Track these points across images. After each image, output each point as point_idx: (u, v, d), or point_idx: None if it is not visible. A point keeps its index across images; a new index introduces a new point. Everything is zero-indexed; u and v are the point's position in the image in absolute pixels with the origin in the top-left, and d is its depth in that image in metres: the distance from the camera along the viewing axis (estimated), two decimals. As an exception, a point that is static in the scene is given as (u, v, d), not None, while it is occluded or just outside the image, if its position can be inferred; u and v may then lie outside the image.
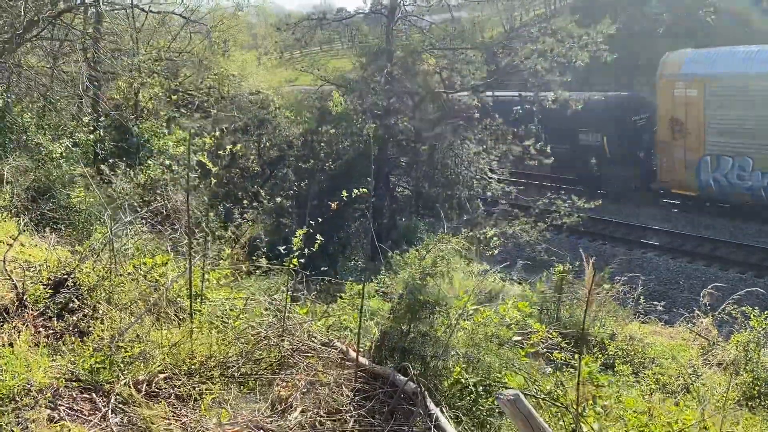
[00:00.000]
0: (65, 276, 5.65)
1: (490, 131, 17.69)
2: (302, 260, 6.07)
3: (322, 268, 9.12)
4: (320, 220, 6.68)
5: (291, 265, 5.89)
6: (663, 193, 22.62)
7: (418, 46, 16.47)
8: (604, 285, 9.87)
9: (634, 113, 23.19)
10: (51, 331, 5.06)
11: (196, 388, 4.58)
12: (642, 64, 33.94)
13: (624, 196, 22.59)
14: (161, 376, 4.67)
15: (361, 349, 5.24)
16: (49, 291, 5.38)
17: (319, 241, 6.45)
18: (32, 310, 5.14)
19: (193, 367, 4.81)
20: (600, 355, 7.71)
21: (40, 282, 5.47)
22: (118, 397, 4.33)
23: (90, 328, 5.08)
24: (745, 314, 8.43)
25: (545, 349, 6.04)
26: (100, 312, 5.31)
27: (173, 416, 4.28)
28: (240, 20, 16.63)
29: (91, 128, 11.98)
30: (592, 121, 22.02)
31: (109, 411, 4.18)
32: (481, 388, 4.55)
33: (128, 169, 10.56)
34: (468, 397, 4.58)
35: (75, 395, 4.36)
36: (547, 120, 19.34)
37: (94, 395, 4.37)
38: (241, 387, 4.73)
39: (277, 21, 17.65)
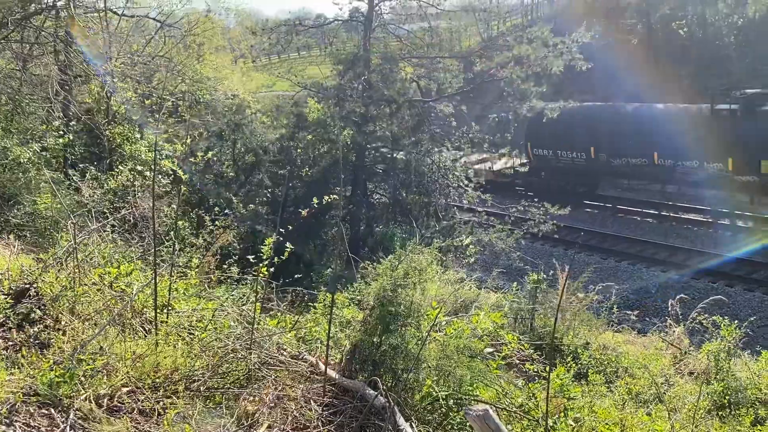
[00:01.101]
0: (27, 285, 5.48)
1: (467, 139, 17.73)
2: (275, 269, 5.95)
3: (297, 276, 8.99)
4: (290, 227, 6.55)
5: (261, 274, 5.77)
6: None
7: (396, 54, 16.45)
8: (578, 294, 9.89)
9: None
10: (10, 343, 4.89)
11: (160, 403, 4.45)
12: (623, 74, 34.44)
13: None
14: (124, 390, 4.54)
15: (332, 362, 5.14)
16: (10, 301, 5.21)
17: (289, 249, 6.34)
18: (-10, 321, 4.97)
19: (157, 380, 4.68)
20: (573, 365, 7.70)
21: (1, 291, 5.29)
22: (77, 412, 4.18)
23: (51, 340, 4.93)
24: (716, 324, 8.50)
25: (518, 361, 6.00)
26: (63, 323, 5.16)
27: (135, 432, 4.14)
28: (215, 24, 16.48)
29: (61, 133, 11.74)
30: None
31: (68, 427, 4.03)
32: (452, 401, 4.48)
33: (98, 175, 10.37)
34: (439, 411, 4.51)
35: (33, 410, 4.20)
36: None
37: (52, 410, 4.22)
38: (207, 401, 4.61)
39: (253, 25, 17.51)
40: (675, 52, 33.89)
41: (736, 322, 8.43)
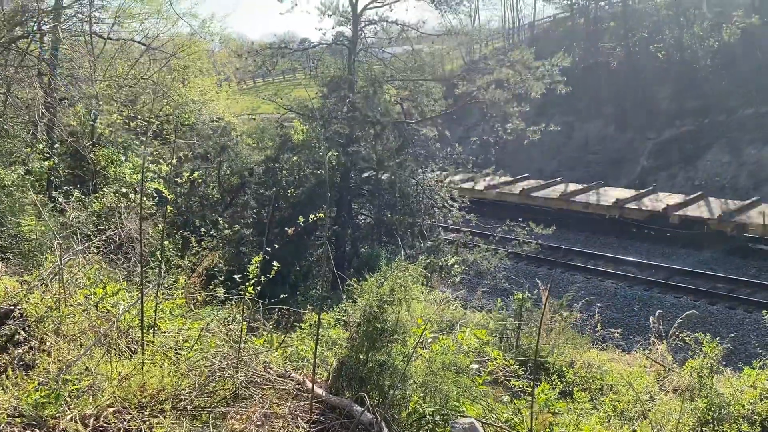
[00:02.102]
0: (11, 307, 5.45)
1: (451, 160, 17.94)
2: (261, 289, 5.97)
3: (283, 296, 9.00)
4: (276, 246, 6.60)
5: (247, 294, 5.79)
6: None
7: (379, 76, 16.67)
8: (563, 312, 9.98)
9: None
10: (-6, 365, 4.86)
11: (147, 423, 4.43)
12: (603, 96, 35.11)
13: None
14: (110, 410, 4.51)
15: (319, 380, 5.16)
16: (-6, 323, 5.18)
17: (276, 268, 6.36)
18: (-26, 343, 4.93)
19: (143, 400, 4.66)
20: (558, 383, 7.76)
21: (-15, 313, 5.27)
22: (63, 432, 4.16)
23: (36, 361, 4.90)
24: (698, 340, 8.61)
25: (504, 377, 6.04)
26: (48, 344, 5.13)
27: (121, 452, 4.12)
28: (200, 47, 16.60)
29: (46, 155, 11.73)
30: None
31: (53, 448, 4.01)
32: (438, 417, 4.51)
33: (83, 197, 10.35)
34: (426, 427, 4.54)
35: (17, 432, 4.17)
36: None
37: (37, 431, 4.19)
38: (194, 420, 4.59)
39: (238, 48, 17.67)
40: (653, 75, 34.56)
41: (718, 338, 8.54)
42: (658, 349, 10.03)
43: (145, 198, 10.85)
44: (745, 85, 30.64)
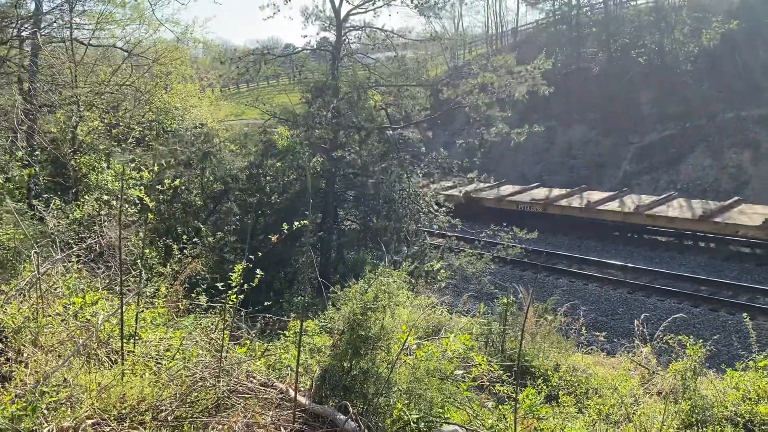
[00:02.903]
0: (-13, 318, 5.34)
1: (436, 164, 17.97)
2: (245, 296, 5.90)
3: (266, 304, 8.93)
4: (260, 254, 6.53)
5: (230, 302, 5.72)
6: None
7: (364, 82, 16.67)
8: (547, 316, 9.99)
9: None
10: (-31, 378, 4.76)
11: (126, 434, 4.36)
12: (586, 101, 35.38)
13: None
14: (89, 422, 4.43)
15: (302, 388, 5.11)
16: (-31, 334, 5.08)
17: (259, 275, 6.29)
18: (-51, 355, 4.83)
19: (123, 411, 4.58)
20: (544, 387, 7.75)
21: (-40, 325, 5.16)
22: (40, 446, 4.08)
23: (13, 373, 4.80)
24: (682, 343, 8.65)
25: (489, 383, 6.02)
26: (25, 355, 5.03)
27: (100, 465, 4.05)
28: (183, 53, 16.49)
29: (25, 163, 11.57)
30: None
31: (30, 461, 3.93)
32: (423, 424, 4.48)
33: (63, 205, 10.21)
34: (410, 435, 4.51)
35: (-7, 445, 4.09)
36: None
37: (13, 445, 4.11)
38: (175, 431, 4.53)
39: (221, 54, 17.59)
40: (635, 80, 34.90)
41: (701, 341, 8.59)
42: (642, 352, 10.07)
43: (126, 205, 10.73)
44: (726, 89, 31.03)
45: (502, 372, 6.12)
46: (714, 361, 11.80)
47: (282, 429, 4.46)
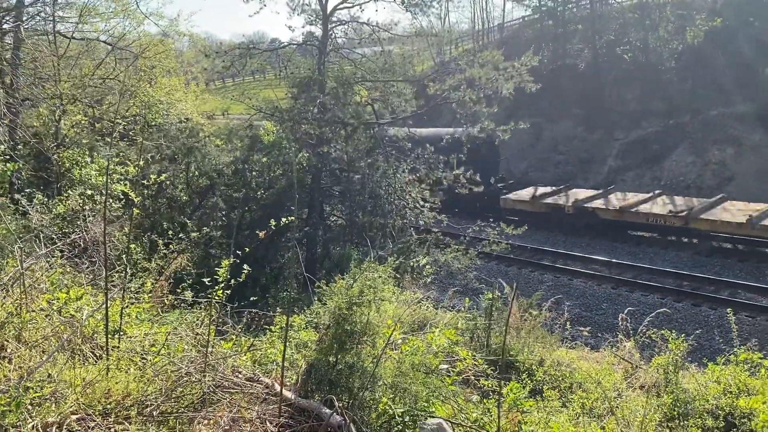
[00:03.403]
0: (-30, 313, 5.30)
1: (422, 160, 17.97)
2: (231, 292, 5.90)
3: (252, 299, 8.91)
4: (247, 249, 6.53)
5: (216, 297, 5.72)
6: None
7: (350, 77, 16.62)
8: (532, 311, 10.06)
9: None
10: (-48, 374, 4.72)
11: (112, 429, 4.35)
12: (572, 97, 35.59)
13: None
14: (74, 417, 4.41)
15: (288, 383, 5.12)
16: (-49, 330, 5.04)
17: (246, 271, 6.30)
18: (-69, 351, 4.79)
19: (108, 406, 4.56)
20: (529, 381, 7.82)
21: (-59, 320, 5.11)
22: (24, 441, 4.06)
23: (-4, 369, 4.77)
24: (665, 338, 8.76)
25: (474, 377, 6.06)
26: (8, 351, 5.00)
27: (85, 460, 4.04)
28: (168, 47, 16.37)
29: (8, 157, 11.45)
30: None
31: (14, 457, 3.91)
32: (408, 418, 4.51)
33: (46, 200, 10.12)
34: (395, 428, 4.53)
35: (-24, 442, 4.06)
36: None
37: (-3, 441, 4.09)
38: (160, 426, 4.52)
39: (206, 48, 17.47)
40: (620, 77, 35.14)
41: (683, 335, 8.70)
42: (625, 346, 10.18)
43: (111, 200, 10.66)
44: (709, 86, 31.34)
45: (486, 366, 6.17)
46: (696, 356, 11.94)
47: (268, 423, 4.47)
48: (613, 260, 20.19)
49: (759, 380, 7.82)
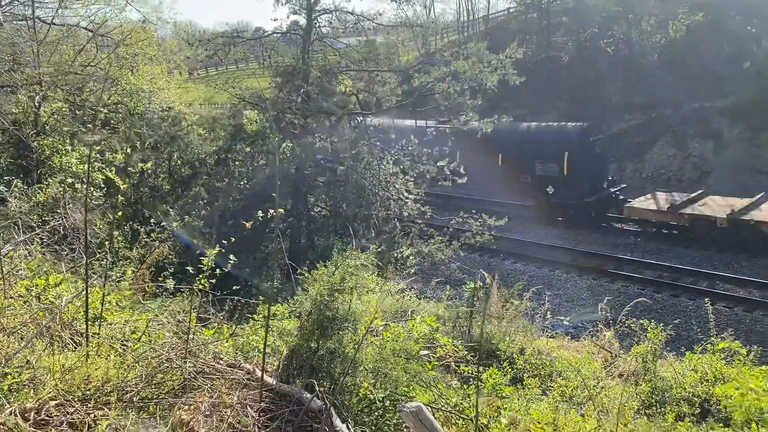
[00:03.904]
0: (-53, 299, 5.25)
1: (406, 152, 17.97)
2: (214, 281, 5.89)
3: (235, 288, 8.89)
4: (233, 239, 6.52)
5: (200, 286, 5.70)
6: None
7: (334, 67, 16.55)
8: (513, 301, 10.14)
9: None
10: (-71, 359, 4.67)
11: (91, 415, 4.33)
12: (556, 89, 35.73)
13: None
14: (52, 403, 4.39)
15: (270, 369, 5.13)
16: (-72, 316, 4.99)
17: (232, 261, 6.30)
18: None
19: (87, 392, 4.55)
20: (509, 369, 7.90)
21: None
22: (2, 427, 4.03)
23: (-27, 355, 4.73)
24: (644, 327, 8.88)
25: (454, 363, 6.11)
26: (-13, 337, 4.96)
27: (63, 445, 4.03)
28: (150, 34, 16.19)
29: (-14, 144, 11.30)
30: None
31: (-8, 442, 3.89)
32: (388, 402, 4.54)
33: (26, 188, 10.01)
34: (375, 413, 4.56)
35: (-46, 427, 4.03)
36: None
37: (-25, 426, 4.06)
38: (141, 412, 4.51)
39: (190, 36, 17.30)
40: (604, 69, 35.33)
41: (662, 325, 8.83)
42: (605, 336, 10.30)
43: (92, 188, 10.56)
44: (690, 80, 31.62)
45: (467, 353, 6.22)
46: (674, 345, 12.11)
47: (248, 408, 4.48)
48: (595, 251, 20.37)
49: (734, 368, 7.97)
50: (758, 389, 6.55)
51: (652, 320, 8.94)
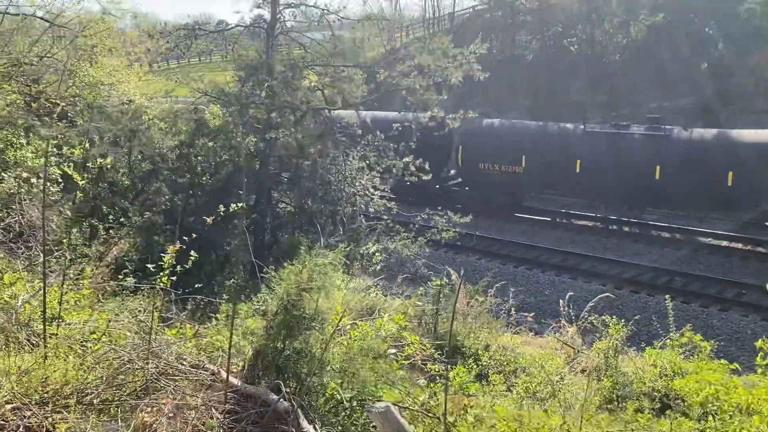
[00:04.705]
0: None
1: (373, 147, 17.93)
2: (175, 279, 5.75)
3: (198, 286, 8.74)
4: (194, 236, 6.38)
5: (161, 284, 5.56)
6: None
7: (299, 61, 16.40)
8: (478, 297, 10.21)
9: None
10: None
11: (49, 419, 4.19)
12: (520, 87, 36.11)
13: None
14: (8, 407, 4.24)
15: (235, 370, 5.05)
16: None
17: (193, 258, 6.15)
18: None
19: (46, 395, 4.41)
20: (475, 366, 7.94)
21: None
22: (-46, 433, 3.88)
23: (-77, 358, 4.54)
24: (605, 323, 9.03)
25: (421, 361, 6.12)
26: (-63, 339, 4.77)
27: (20, 451, 3.89)
28: (109, 25, 15.77)
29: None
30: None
31: (-57, 449, 3.73)
32: (356, 402, 4.51)
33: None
34: (343, 413, 4.53)
35: None
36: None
37: (-76, 433, 3.90)
38: (101, 415, 4.39)
39: (150, 27, 16.92)
40: (567, 69, 35.82)
41: (623, 321, 8.98)
42: (568, 332, 10.44)
43: (48, 184, 10.23)
44: (651, 80, 32.31)
45: (434, 351, 6.23)
46: (635, 340, 12.35)
47: (213, 410, 4.40)
48: (557, 249, 20.65)
49: (692, 363, 8.17)
50: (716, 383, 6.74)
51: (614, 316, 9.10)
